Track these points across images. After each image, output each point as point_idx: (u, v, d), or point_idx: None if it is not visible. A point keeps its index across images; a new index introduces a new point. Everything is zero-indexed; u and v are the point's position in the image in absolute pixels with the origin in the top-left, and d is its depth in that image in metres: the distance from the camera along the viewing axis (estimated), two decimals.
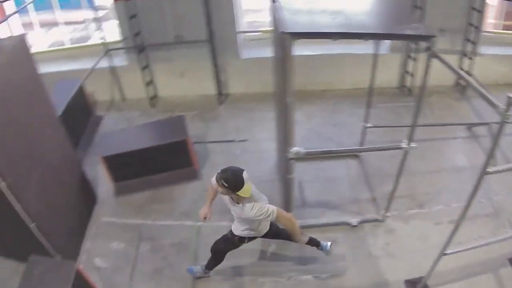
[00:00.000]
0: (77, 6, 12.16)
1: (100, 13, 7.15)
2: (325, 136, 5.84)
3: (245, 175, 3.38)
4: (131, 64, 7.13)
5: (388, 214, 4.61)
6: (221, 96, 6.88)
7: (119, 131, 6.33)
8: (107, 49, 6.98)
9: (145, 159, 5.43)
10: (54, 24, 9.93)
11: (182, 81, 7.12)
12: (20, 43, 4.29)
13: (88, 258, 4.87)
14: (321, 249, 4.24)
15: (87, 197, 5.49)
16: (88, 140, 6.50)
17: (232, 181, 3.36)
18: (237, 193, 3.40)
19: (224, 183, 3.37)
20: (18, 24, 8.09)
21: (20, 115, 4.20)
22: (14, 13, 7.33)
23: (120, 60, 7.25)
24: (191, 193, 5.42)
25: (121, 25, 6.84)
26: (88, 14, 11.67)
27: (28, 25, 8.88)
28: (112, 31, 7.20)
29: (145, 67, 6.90)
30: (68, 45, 8.15)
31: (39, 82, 4.58)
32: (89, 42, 8.49)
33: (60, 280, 3.60)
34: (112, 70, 7.22)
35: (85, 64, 7.14)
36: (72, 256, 4.79)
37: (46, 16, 9.86)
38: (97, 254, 4.93)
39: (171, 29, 6.59)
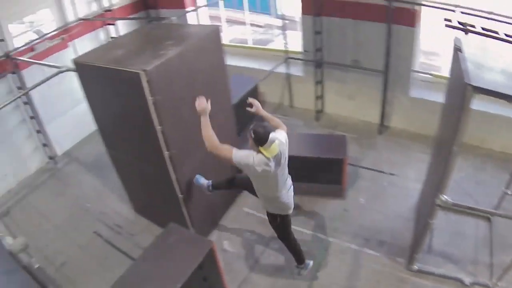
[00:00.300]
0: (263, 10, 13.37)
1: (285, 22, 7.62)
2: (465, 190, 5.65)
3: (272, 137, 3.57)
4: (306, 76, 7.55)
5: (499, 284, 4.36)
6: (382, 126, 6.98)
7: (290, 133, 6.65)
8: (287, 57, 7.51)
9: (300, 166, 5.52)
10: (237, 22, 10.84)
11: (349, 103, 7.34)
12: (213, 32, 4.76)
13: (218, 238, 5.30)
14: (302, 267, 4.57)
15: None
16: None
17: (259, 134, 3.56)
18: (260, 148, 3.61)
19: (252, 134, 3.62)
20: (205, 16, 8.98)
21: (201, 93, 4.40)
22: (204, 5, 8.26)
23: (296, 70, 7.71)
24: (331, 209, 5.61)
25: (304, 38, 7.25)
26: (271, 20, 12.67)
27: (213, 18, 9.62)
28: (293, 41, 7.64)
29: (318, 82, 7.28)
30: (249, 45, 8.81)
31: (224, 71, 5.03)
32: (269, 46, 9.11)
33: (193, 252, 3.93)
34: (287, 77, 7.73)
35: (263, 65, 7.80)
36: (204, 233, 5.19)
37: (231, 13, 10.77)
38: (227, 238, 5.36)
39: (349, 53, 6.85)
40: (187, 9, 8.15)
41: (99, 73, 4.38)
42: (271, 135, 3.57)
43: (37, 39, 7.43)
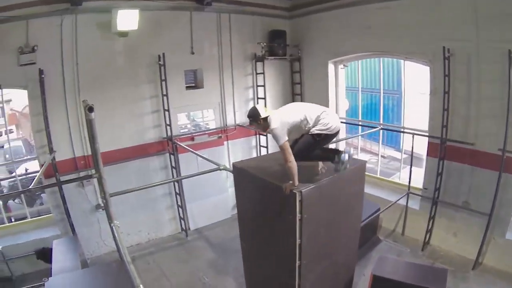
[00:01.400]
0: (388, 143, 14.04)
1: (408, 158, 8.29)
2: None
3: (258, 107, 4.38)
4: (421, 210, 7.99)
5: None
6: (478, 262, 7.07)
7: (394, 259, 6.77)
8: (408, 192, 8.10)
9: None
10: (365, 150, 11.62)
11: (453, 238, 7.57)
12: (360, 166, 5.31)
13: None
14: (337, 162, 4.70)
15: None
16: (363, 253, 7.49)
17: (250, 113, 4.39)
18: (260, 118, 4.38)
19: (250, 120, 4.47)
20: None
21: (338, 216, 5.02)
22: (347, 138, 9.23)
23: (414, 203, 8.18)
24: None
25: (426, 176, 7.85)
26: (395, 153, 13.28)
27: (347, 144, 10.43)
28: (411, 175, 8.19)
29: (431, 217, 7.66)
30: (377, 175, 9.46)
31: (360, 199, 5.49)
32: (393, 179, 9.75)
33: None
34: (405, 208, 8.22)
35: (385, 195, 8.51)
36: None
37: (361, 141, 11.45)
38: None
39: (462, 194, 7.26)
40: None
41: (256, 180, 4.93)
42: (251, 109, 4.52)
43: (198, 131, 9.01)
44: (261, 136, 9.81)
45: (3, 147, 16.29)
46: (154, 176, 8.52)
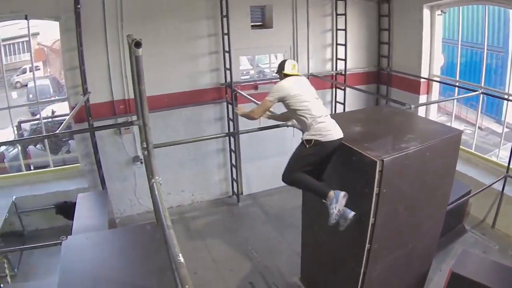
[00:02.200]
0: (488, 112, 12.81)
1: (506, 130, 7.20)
2: None
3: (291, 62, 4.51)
4: None
5: None
6: None
7: (479, 257, 6.01)
8: (506, 175, 6.87)
9: None
10: (460, 118, 10.49)
11: None
12: (455, 137, 4.66)
13: None
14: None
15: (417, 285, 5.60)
16: (443, 244, 6.59)
17: (280, 63, 4.51)
18: (282, 72, 4.42)
19: (276, 70, 4.59)
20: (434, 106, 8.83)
21: (423, 195, 4.47)
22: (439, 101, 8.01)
23: (511, 189, 6.99)
24: None
25: None
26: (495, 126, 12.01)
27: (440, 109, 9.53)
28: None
29: None
30: (471, 150, 8.33)
31: (451, 178, 4.83)
32: (488, 156, 8.49)
33: None
34: (499, 195, 7.03)
35: (478, 175, 7.39)
36: None
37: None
38: None
39: None
40: (420, 96, 8.19)
41: (329, 143, 4.36)
42: (283, 60, 4.57)
43: (263, 79, 8.18)
44: (338, 90, 8.69)
45: (27, 85, 15.93)
46: (207, 128, 7.82)
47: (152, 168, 3.58)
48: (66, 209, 6.65)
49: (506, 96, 7.56)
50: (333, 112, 8.67)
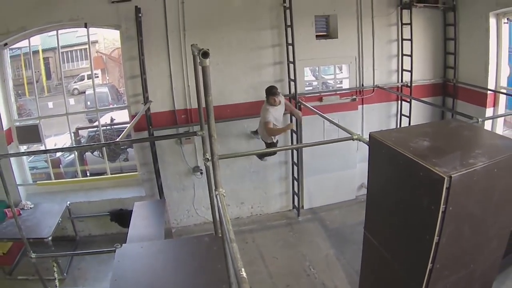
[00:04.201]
0: None
1: None
2: None
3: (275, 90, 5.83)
4: None
5: None
6: None
7: None
8: None
9: None
10: None
11: None
12: None
13: None
14: None
15: None
16: (505, 265, 6.18)
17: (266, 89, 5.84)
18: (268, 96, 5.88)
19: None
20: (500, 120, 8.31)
21: (489, 214, 4.23)
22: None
23: None
24: None
25: None
26: None
27: (507, 122, 8.88)
28: None
29: None
30: None
31: None
32: None
33: None
34: None
35: None
36: None
37: None
38: None
39: None
40: (486, 108, 7.68)
41: (396, 157, 4.30)
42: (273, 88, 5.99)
43: (327, 91, 7.89)
44: (404, 102, 8.32)
45: (84, 92, 16.14)
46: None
47: (217, 180, 3.55)
48: (121, 217, 6.70)
49: None
50: (398, 126, 8.37)
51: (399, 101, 8.32)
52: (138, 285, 4.15)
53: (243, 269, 2.19)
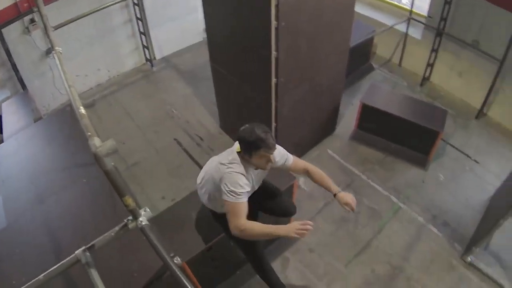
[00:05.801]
0: None
1: None
2: None
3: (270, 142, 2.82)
4: (423, 40, 7.13)
5: None
6: (481, 112, 6.53)
7: (388, 89, 6.62)
8: (409, 17, 7.17)
9: (395, 126, 5.63)
10: None
11: (457, 79, 6.87)
12: None
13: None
14: None
15: (327, 124, 5.97)
16: (353, 80, 7.05)
17: (248, 135, 2.86)
18: (254, 151, 2.88)
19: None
20: None
21: (322, 31, 4.51)
22: None
23: (415, 31, 7.31)
24: (410, 177, 5.57)
25: (432, 3, 6.76)
26: None
27: None
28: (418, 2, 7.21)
29: (433, 50, 6.85)
30: None
31: (351, 12, 4.82)
32: (394, 1, 8.45)
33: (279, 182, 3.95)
34: (404, 36, 7.40)
35: (383, 18, 7.58)
36: None
37: None
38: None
39: (472, 31, 6.27)
40: None
41: None
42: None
43: None
44: None
45: None
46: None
47: (50, 40, 3.48)
48: None
49: None
50: None
51: None
52: (27, 175, 4.27)
53: (96, 139, 2.12)
